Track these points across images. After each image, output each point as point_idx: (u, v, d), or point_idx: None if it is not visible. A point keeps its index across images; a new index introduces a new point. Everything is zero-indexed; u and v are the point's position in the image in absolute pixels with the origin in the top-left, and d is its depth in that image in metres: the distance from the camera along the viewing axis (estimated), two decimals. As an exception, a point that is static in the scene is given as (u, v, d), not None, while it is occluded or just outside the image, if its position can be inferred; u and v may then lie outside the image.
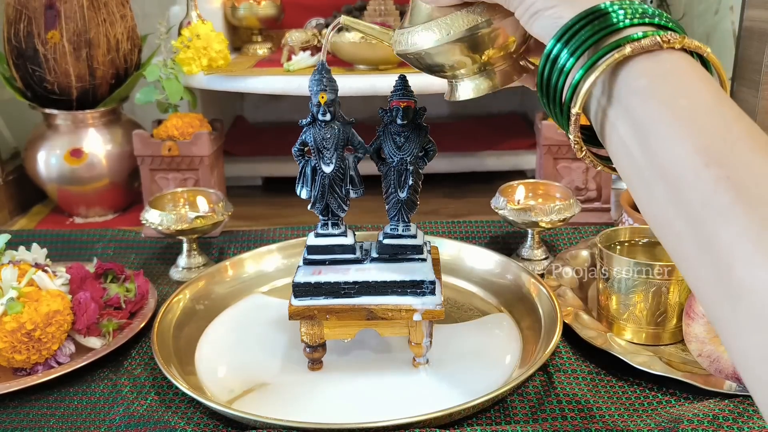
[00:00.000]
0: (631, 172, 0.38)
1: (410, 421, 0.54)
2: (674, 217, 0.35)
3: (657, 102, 0.36)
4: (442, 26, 0.46)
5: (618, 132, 0.38)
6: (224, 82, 0.99)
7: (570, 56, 0.39)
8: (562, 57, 0.39)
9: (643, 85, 0.36)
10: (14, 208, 1.11)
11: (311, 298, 0.62)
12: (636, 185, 0.38)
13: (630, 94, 0.37)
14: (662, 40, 0.36)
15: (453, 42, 0.46)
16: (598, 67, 0.37)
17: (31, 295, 0.65)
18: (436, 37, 0.47)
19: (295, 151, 0.64)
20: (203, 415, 0.59)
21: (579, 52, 0.38)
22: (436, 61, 0.48)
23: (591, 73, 0.37)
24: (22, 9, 0.98)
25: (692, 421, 0.54)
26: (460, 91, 0.50)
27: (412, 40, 0.48)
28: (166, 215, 0.83)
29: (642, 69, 0.37)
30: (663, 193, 0.36)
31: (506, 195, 0.86)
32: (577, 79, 0.38)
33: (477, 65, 0.48)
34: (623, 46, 0.37)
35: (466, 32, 0.45)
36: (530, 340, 0.68)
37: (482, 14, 0.45)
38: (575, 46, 0.38)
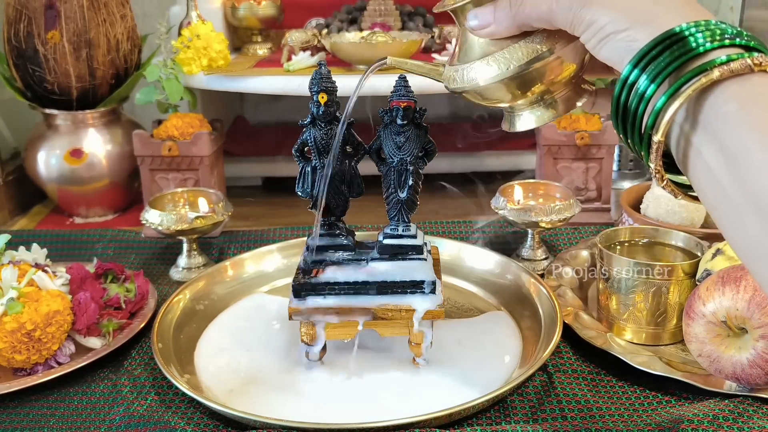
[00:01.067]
0: (719, 202, 0.36)
1: (410, 421, 0.54)
2: (751, 224, 0.34)
3: (749, 128, 0.34)
4: (500, 60, 0.44)
5: (704, 159, 0.36)
6: (224, 82, 0.99)
7: (650, 82, 0.37)
8: (641, 83, 0.37)
9: (733, 110, 0.35)
10: (14, 208, 1.11)
11: (311, 298, 0.62)
12: (723, 215, 0.36)
13: (718, 119, 0.35)
14: (753, 62, 0.35)
15: (513, 75, 0.44)
16: (683, 92, 0.35)
17: (31, 295, 0.65)
18: (493, 74, 0.44)
19: (295, 151, 0.64)
20: (203, 415, 0.59)
21: (660, 79, 0.36)
22: (495, 96, 0.46)
23: (675, 99, 0.36)
24: (22, 9, 0.98)
25: (692, 421, 0.53)
26: (519, 123, 0.48)
27: (468, 77, 0.46)
28: (166, 215, 0.83)
29: (731, 93, 0.35)
30: (756, 225, 0.34)
31: (506, 195, 0.86)
32: (660, 105, 0.36)
33: (537, 96, 0.46)
34: (710, 71, 0.35)
35: (525, 65, 0.43)
36: (530, 340, 0.68)
37: (542, 43, 0.43)
38: (655, 72, 0.36)
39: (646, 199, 0.84)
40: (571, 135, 0.95)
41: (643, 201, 0.85)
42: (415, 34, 1.09)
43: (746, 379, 0.58)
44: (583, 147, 0.96)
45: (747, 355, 0.57)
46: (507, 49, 0.44)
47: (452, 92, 0.49)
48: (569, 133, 0.95)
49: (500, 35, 0.44)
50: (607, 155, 0.97)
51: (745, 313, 0.57)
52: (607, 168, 0.98)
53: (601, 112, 0.98)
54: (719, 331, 0.59)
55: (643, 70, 0.37)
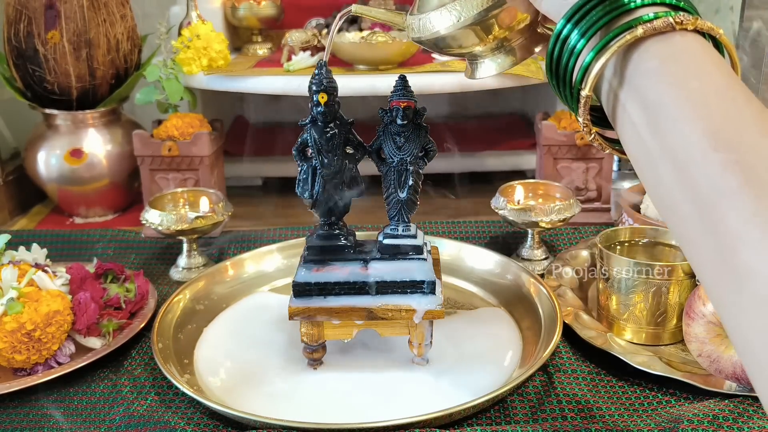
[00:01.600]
0: (640, 154, 0.37)
1: (410, 421, 0.54)
2: (681, 199, 0.35)
3: (667, 83, 0.35)
4: (452, 11, 0.46)
5: (628, 113, 0.37)
6: (224, 82, 0.99)
7: (581, 37, 0.38)
8: (572, 38, 0.38)
9: (655, 66, 0.36)
10: (14, 208, 1.11)
11: (311, 298, 0.62)
12: (644, 167, 0.37)
13: (641, 75, 0.36)
14: (675, 21, 0.36)
15: (468, 23, 0.46)
16: (609, 48, 0.37)
17: (31, 295, 0.65)
18: (448, 23, 0.46)
19: (295, 152, 0.64)
20: (203, 415, 0.59)
21: (590, 33, 0.38)
22: (452, 44, 0.48)
23: (602, 54, 0.37)
24: (22, 9, 0.98)
25: (692, 421, 0.53)
26: (481, 71, 0.50)
27: (425, 27, 0.48)
28: (166, 215, 0.83)
29: (653, 50, 0.36)
30: (670, 175, 0.35)
31: (506, 195, 0.86)
32: (588, 60, 0.38)
33: (494, 44, 0.47)
34: (635, 28, 0.36)
35: (478, 15, 0.45)
36: (530, 340, 0.68)
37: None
38: (586, 27, 0.38)
39: (646, 199, 0.84)
40: (571, 135, 0.95)
41: (643, 201, 0.85)
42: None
43: (746, 379, 0.58)
44: (583, 147, 0.96)
45: (747, 355, 0.57)
46: (459, 1, 0.46)
47: (412, 40, 0.51)
48: (569, 133, 0.95)
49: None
50: (607, 155, 0.97)
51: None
52: (607, 168, 0.98)
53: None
54: (719, 331, 0.59)
55: (576, 25, 0.38)
